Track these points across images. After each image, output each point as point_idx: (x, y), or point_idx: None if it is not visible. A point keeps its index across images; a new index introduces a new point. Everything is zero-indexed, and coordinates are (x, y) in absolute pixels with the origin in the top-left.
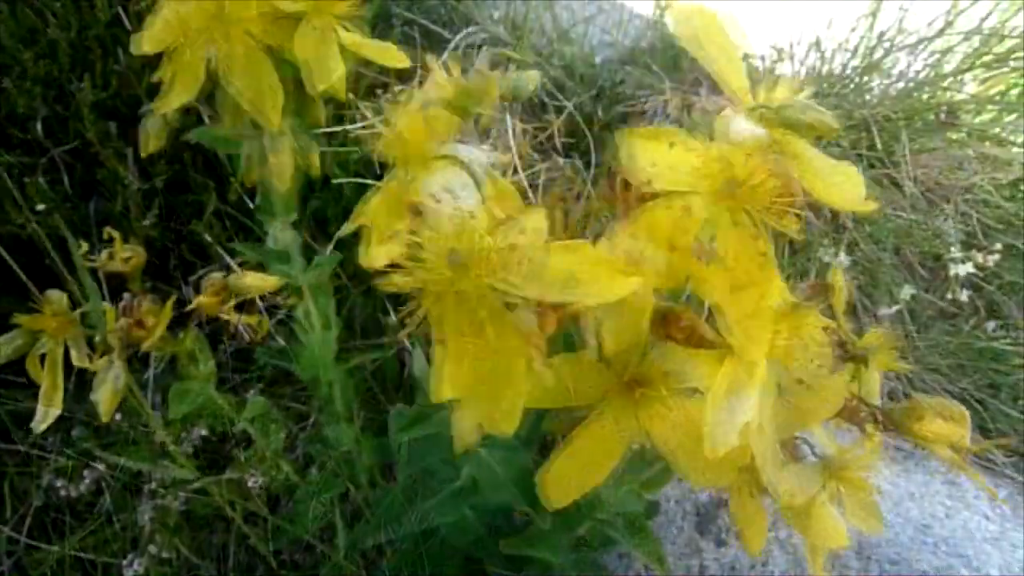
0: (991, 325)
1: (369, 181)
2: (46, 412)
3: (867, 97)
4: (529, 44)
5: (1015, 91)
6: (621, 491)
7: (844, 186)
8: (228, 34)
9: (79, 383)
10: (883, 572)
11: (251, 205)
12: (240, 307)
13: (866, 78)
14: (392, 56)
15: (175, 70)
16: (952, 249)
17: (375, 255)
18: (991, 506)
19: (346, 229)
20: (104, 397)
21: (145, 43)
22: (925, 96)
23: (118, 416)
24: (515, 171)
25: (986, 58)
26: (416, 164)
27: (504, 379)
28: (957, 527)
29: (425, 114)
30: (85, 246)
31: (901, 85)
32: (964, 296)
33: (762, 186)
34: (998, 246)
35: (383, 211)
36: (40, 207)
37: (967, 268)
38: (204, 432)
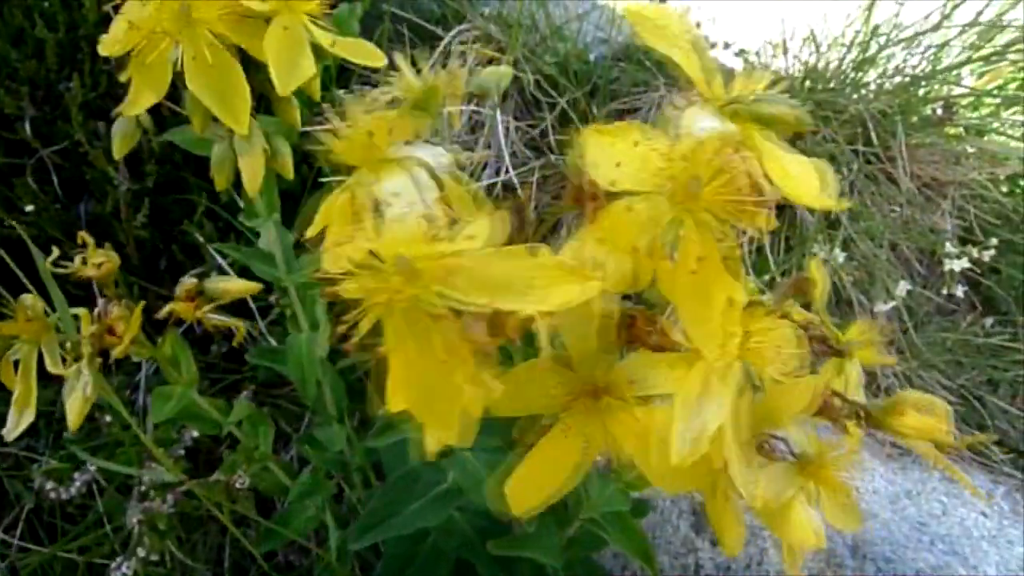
0: (989, 321)
1: None
2: (18, 419)
3: (863, 92)
4: (522, 41)
5: (1013, 85)
6: (608, 490)
7: (815, 183)
8: (192, 35)
9: None
10: (879, 570)
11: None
12: (234, 308)
13: (861, 72)
14: (367, 53)
15: (140, 72)
16: (948, 245)
17: (327, 260)
18: (988, 503)
19: (309, 232)
20: (73, 406)
21: (107, 45)
22: (921, 91)
23: (108, 418)
24: (507, 169)
25: (983, 52)
26: (372, 167)
27: (454, 390)
28: (954, 524)
29: (382, 116)
30: (56, 252)
31: (897, 79)
32: (960, 292)
33: (726, 186)
34: (994, 241)
35: (340, 215)
36: (29, 208)
37: (962, 264)
38: (196, 434)
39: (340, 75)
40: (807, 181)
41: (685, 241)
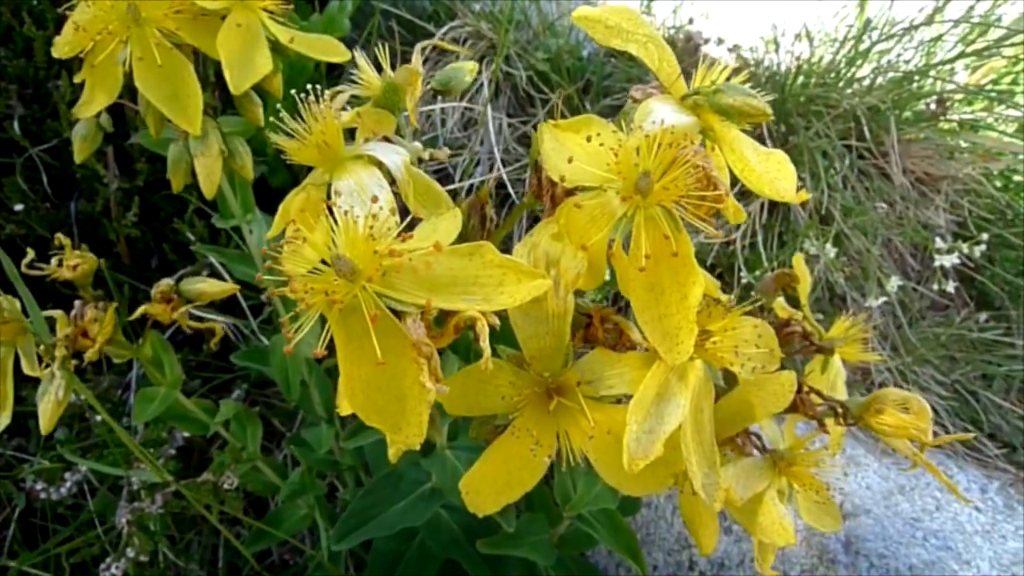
0: (982, 316)
1: None
2: None
3: (855, 87)
4: (513, 37)
5: (1006, 80)
6: (595, 488)
7: (777, 175)
8: (140, 35)
9: None
10: (872, 566)
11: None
12: (229, 308)
13: (854, 67)
14: (331, 50)
15: (91, 74)
16: (938, 240)
17: (282, 260)
18: (982, 498)
19: (272, 231)
20: (45, 410)
21: (58, 48)
22: (915, 85)
23: (98, 418)
24: (499, 166)
25: (976, 46)
26: (327, 166)
27: (399, 391)
28: (947, 520)
29: (336, 115)
30: (32, 253)
31: (890, 74)
32: (951, 287)
33: (676, 181)
34: (984, 236)
35: (296, 214)
36: (18, 207)
37: (951, 259)
38: (187, 434)
39: (330, 73)
40: (769, 173)
41: (635, 238)
